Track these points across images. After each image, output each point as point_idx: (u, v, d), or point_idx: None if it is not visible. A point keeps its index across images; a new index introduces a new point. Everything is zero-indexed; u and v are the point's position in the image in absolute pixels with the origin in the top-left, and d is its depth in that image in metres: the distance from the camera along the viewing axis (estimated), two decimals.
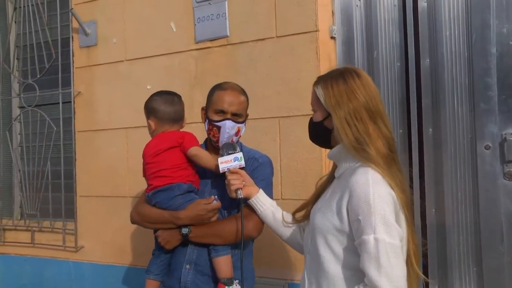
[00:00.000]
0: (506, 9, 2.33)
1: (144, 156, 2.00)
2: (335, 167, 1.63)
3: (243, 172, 1.80)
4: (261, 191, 1.84)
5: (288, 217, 1.81)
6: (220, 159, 1.78)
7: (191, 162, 1.96)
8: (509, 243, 2.30)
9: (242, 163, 1.77)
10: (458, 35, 2.43)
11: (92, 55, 3.35)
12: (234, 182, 1.77)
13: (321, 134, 1.57)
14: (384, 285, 1.31)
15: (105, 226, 3.29)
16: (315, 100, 1.55)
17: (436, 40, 2.47)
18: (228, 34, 2.83)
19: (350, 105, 1.44)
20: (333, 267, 1.46)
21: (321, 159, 2.56)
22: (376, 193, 1.37)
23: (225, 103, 1.93)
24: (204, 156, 1.93)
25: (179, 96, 2.06)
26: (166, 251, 1.95)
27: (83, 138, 3.38)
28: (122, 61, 3.23)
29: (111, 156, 3.27)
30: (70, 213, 3.43)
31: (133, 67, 3.19)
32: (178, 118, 2.02)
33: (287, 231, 1.81)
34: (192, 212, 1.86)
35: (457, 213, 2.40)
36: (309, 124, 1.62)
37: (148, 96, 3.02)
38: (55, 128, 3.47)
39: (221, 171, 1.78)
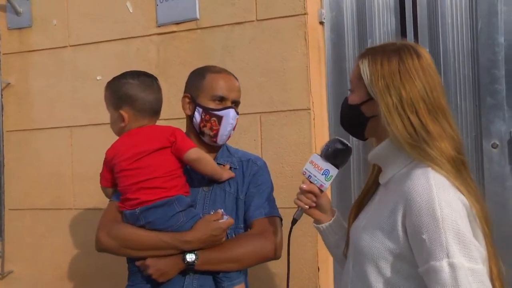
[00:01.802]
0: None
1: (114, 160, 1.59)
2: (377, 171, 1.36)
3: (320, 194, 1.41)
4: (336, 216, 1.49)
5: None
6: (314, 157, 1.37)
7: (183, 167, 1.62)
8: None
9: (327, 185, 1.38)
10: (462, 23, 2.28)
11: (26, 39, 2.89)
12: (301, 198, 1.41)
13: (355, 120, 1.29)
14: None
15: (43, 245, 2.84)
16: (357, 78, 1.26)
17: (438, 29, 2.31)
18: (198, 16, 2.51)
19: (404, 92, 1.17)
20: None
21: None
22: (443, 200, 1.07)
23: (224, 88, 1.64)
24: (209, 161, 1.60)
25: (156, 80, 1.68)
26: (153, 285, 1.55)
27: (14, 139, 2.90)
28: (65, 46, 2.81)
29: (51, 161, 2.83)
30: None
31: (78, 54, 2.79)
32: (158, 109, 1.65)
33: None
34: (204, 233, 1.51)
35: None
36: (342, 105, 1.34)
37: (99, 88, 2.66)
38: None
39: (302, 171, 1.39)
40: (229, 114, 1.63)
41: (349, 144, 1.37)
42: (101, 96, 2.63)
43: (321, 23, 2.45)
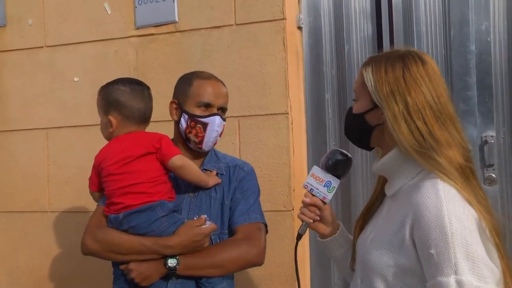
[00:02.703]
0: (485, 5, 2.33)
1: (102, 165, 1.65)
2: (382, 182, 1.36)
3: (323, 207, 1.40)
4: (341, 229, 1.47)
5: None
6: (315, 169, 1.38)
7: (168, 173, 1.67)
8: None
9: (329, 196, 1.38)
10: (435, 31, 2.39)
11: None
12: (305, 212, 1.40)
13: (359, 130, 1.29)
14: None
15: (17, 249, 2.85)
16: (361, 86, 1.26)
17: (413, 35, 2.40)
18: (177, 19, 2.56)
19: (409, 99, 1.16)
20: None
21: (289, 164, 2.39)
22: (452, 214, 1.06)
23: (211, 94, 1.68)
24: (193, 168, 1.64)
25: (148, 88, 1.74)
26: None
27: None
28: (41, 47, 2.82)
29: (26, 163, 2.84)
30: None
31: (55, 55, 2.81)
32: (148, 117, 1.71)
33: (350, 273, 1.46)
34: (186, 238, 1.55)
35: None
36: (346, 116, 1.35)
37: (76, 90, 2.71)
38: None
39: (304, 185, 1.39)
40: (215, 121, 1.67)
41: (349, 155, 1.38)
42: (79, 98, 2.71)
43: (299, 28, 2.53)
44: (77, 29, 2.73)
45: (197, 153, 1.74)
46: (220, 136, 1.74)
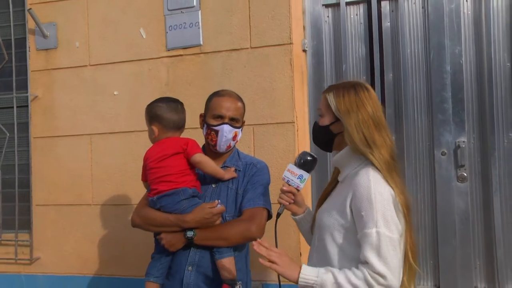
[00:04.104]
0: (457, 33, 2.79)
1: (146, 161, 2.11)
2: (337, 173, 1.84)
3: (297, 193, 1.85)
4: (308, 210, 1.95)
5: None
6: (290, 166, 1.81)
7: (193, 168, 2.11)
8: (461, 238, 2.74)
9: (302, 186, 1.81)
10: (418, 52, 2.85)
11: (51, 59, 3.36)
12: (283, 197, 1.85)
13: (325, 137, 1.74)
14: (383, 271, 1.51)
15: (66, 236, 3.30)
16: (325, 106, 1.72)
17: (399, 57, 2.86)
18: (202, 43, 3.00)
19: (359, 114, 1.63)
20: (340, 260, 1.63)
21: None
22: (377, 191, 1.56)
23: (222, 108, 2.07)
24: (208, 163, 2.07)
25: (182, 104, 2.18)
26: (167, 254, 2.06)
27: (41, 145, 3.37)
28: (86, 66, 3.27)
29: (72, 164, 3.29)
30: (24, 224, 3.40)
31: (97, 73, 3.25)
32: (181, 126, 2.15)
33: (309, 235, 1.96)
34: (198, 216, 1.97)
35: (417, 213, 2.81)
36: (314, 128, 1.80)
37: (116, 102, 3.18)
38: (7, 134, 3.42)
39: (282, 177, 1.83)
40: (223, 128, 2.06)
41: (315, 155, 1.83)
42: (118, 109, 3.21)
43: (304, 51, 2.97)
44: (117, 51, 3.16)
45: (218, 154, 2.15)
46: (234, 140, 2.11)
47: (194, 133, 2.42)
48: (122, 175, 3.17)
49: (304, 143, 2.91)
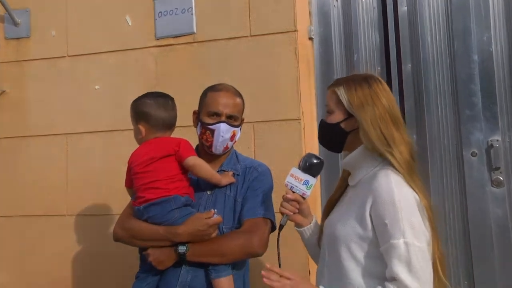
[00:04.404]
0: (486, 17, 2.56)
1: (131, 165, 1.97)
2: (345, 176, 1.74)
3: (302, 201, 1.74)
4: (314, 220, 1.84)
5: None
6: (294, 170, 1.70)
7: (186, 172, 1.96)
8: (500, 253, 2.47)
9: (308, 193, 1.70)
10: (440, 40, 2.62)
11: (23, 49, 3.11)
12: (286, 206, 1.73)
13: (336, 136, 1.65)
14: None
15: (35, 252, 3.00)
16: (335, 102, 1.64)
17: (418, 45, 2.64)
18: (195, 30, 2.80)
19: (375, 109, 1.57)
20: (358, 276, 1.52)
21: None
22: (401, 195, 1.47)
23: (219, 104, 1.96)
24: (204, 167, 1.92)
25: (172, 99, 2.05)
26: (155, 272, 1.89)
27: (8, 146, 3.10)
28: (63, 56, 3.04)
29: (45, 168, 3.03)
30: None
31: (76, 64, 3.03)
32: (171, 124, 2.02)
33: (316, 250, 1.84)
34: (192, 228, 1.82)
35: (445, 224, 2.55)
36: (321, 126, 1.71)
37: (97, 97, 2.91)
38: None
39: (285, 183, 1.71)
40: (220, 127, 1.93)
41: (321, 158, 1.72)
42: (99, 105, 2.93)
43: (310, 39, 2.77)
44: (99, 40, 2.95)
45: (214, 156, 2.01)
46: (231, 140, 1.99)
47: (186, 132, 2.24)
48: (103, 180, 2.93)
49: (312, 143, 2.71)
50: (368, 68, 2.69)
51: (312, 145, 2.67)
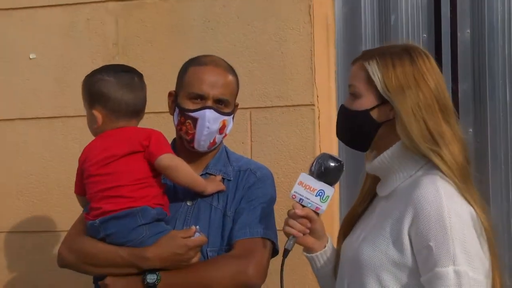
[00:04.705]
0: None
1: (84, 164, 2.06)
2: (371, 183, 1.83)
3: (316, 218, 1.81)
4: (330, 242, 1.91)
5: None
6: (303, 177, 1.79)
7: (158, 176, 2.05)
8: None
9: (324, 207, 1.78)
10: None
11: None
12: (293, 225, 1.79)
13: (362, 128, 1.74)
14: None
15: None
16: (364, 81, 1.71)
17: (482, 3, 2.80)
18: None
19: (420, 93, 1.64)
20: None
21: None
22: (452, 210, 1.55)
23: (204, 84, 2.05)
24: (183, 169, 2.02)
25: (140, 76, 2.12)
26: None
27: None
28: None
29: None
30: None
31: (3, 24, 3.17)
32: (139, 110, 2.10)
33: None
34: (166, 250, 1.92)
35: (509, 249, 2.73)
36: (341, 114, 1.80)
37: (32, 70, 3.10)
38: None
39: (291, 194, 1.79)
40: (205, 116, 2.03)
41: (341, 160, 1.80)
42: (35, 82, 3.13)
43: None
44: None
45: (197, 154, 2.13)
46: (220, 133, 2.10)
47: (158, 121, 2.44)
48: (42, 185, 3.12)
49: (330, 138, 2.86)
50: (409, 35, 2.83)
51: (330, 141, 2.83)
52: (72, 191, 2.22)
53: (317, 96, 2.80)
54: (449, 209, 1.55)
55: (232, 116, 2.16)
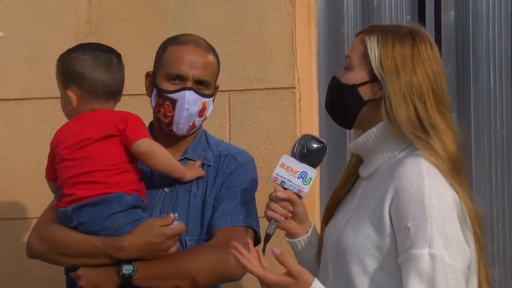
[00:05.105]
0: None
1: (56, 148, 2.01)
2: (355, 164, 1.82)
3: (298, 201, 1.79)
4: (313, 227, 1.88)
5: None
6: (285, 159, 1.77)
7: (135, 161, 2.01)
8: None
9: (306, 189, 1.76)
10: None
11: None
12: (275, 208, 1.76)
13: (349, 103, 1.71)
14: None
15: None
16: (359, 55, 1.69)
17: None
18: None
19: (414, 78, 1.61)
20: None
21: None
22: (433, 190, 1.52)
23: (184, 64, 2.03)
24: (160, 154, 1.99)
25: (118, 56, 2.08)
26: None
27: None
28: None
29: None
30: None
31: None
32: (116, 91, 2.06)
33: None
34: (142, 239, 1.89)
35: (492, 239, 2.69)
36: (331, 84, 1.78)
37: (7, 50, 3.03)
38: None
39: (272, 178, 1.77)
40: (185, 97, 2.01)
41: (324, 141, 1.79)
42: (3, 61, 3.04)
43: None
44: None
45: (176, 138, 2.10)
46: (200, 115, 2.08)
47: (134, 103, 2.41)
48: (10, 170, 3.07)
49: (311, 121, 2.86)
50: (393, 16, 2.80)
51: (311, 126, 2.81)
52: (42, 176, 2.17)
53: (298, 79, 2.77)
54: (430, 188, 1.52)
55: (212, 98, 2.14)
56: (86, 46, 2.12)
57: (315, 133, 2.82)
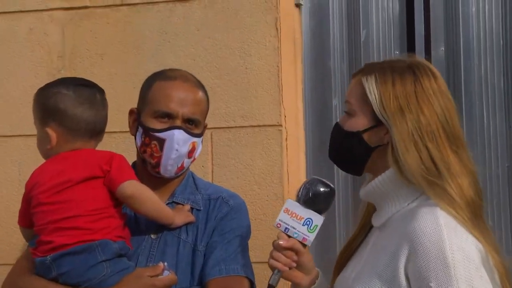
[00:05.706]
0: None
1: (32, 192, 1.90)
2: (370, 212, 1.73)
3: (303, 251, 1.71)
4: (320, 278, 1.79)
5: None
6: (289, 204, 1.70)
7: (119, 205, 1.92)
8: None
9: (311, 237, 1.68)
10: (489, 12, 2.74)
11: None
12: (278, 257, 1.68)
13: (354, 151, 1.64)
14: None
15: None
16: (360, 99, 1.62)
17: (457, 19, 2.74)
18: None
19: (422, 118, 1.52)
20: None
21: (282, 195, 2.65)
22: (455, 244, 1.42)
23: (172, 101, 1.95)
24: (148, 198, 1.89)
25: (101, 91, 2.00)
26: None
27: None
28: None
29: None
30: None
31: None
32: (100, 130, 1.98)
33: None
34: None
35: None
36: (334, 132, 1.71)
37: None
38: None
39: (275, 224, 1.70)
40: (173, 137, 1.92)
41: (331, 185, 1.70)
42: None
43: (298, 5, 2.83)
44: None
45: (162, 181, 2.00)
46: (189, 157, 2.00)
47: (110, 142, 2.33)
48: None
49: (298, 160, 2.80)
50: (381, 51, 2.76)
51: (298, 165, 2.75)
52: (11, 221, 2.13)
53: (285, 116, 2.71)
54: (451, 243, 1.42)
55: (201, 138, 2.06)
56: (68, 80, 2.06)
57: (302, 173, 2.81)
